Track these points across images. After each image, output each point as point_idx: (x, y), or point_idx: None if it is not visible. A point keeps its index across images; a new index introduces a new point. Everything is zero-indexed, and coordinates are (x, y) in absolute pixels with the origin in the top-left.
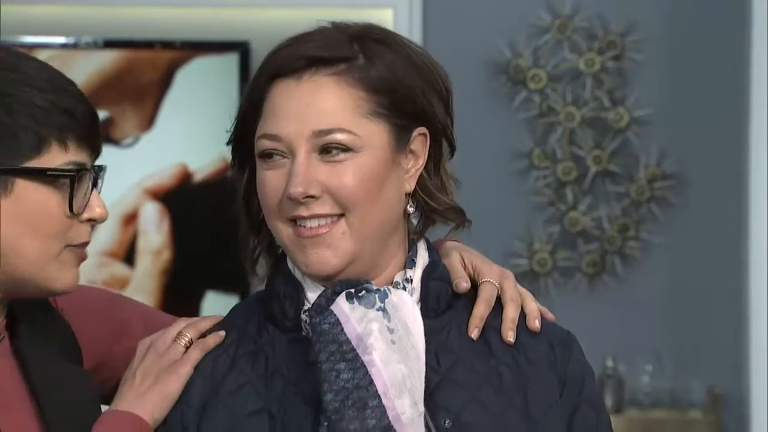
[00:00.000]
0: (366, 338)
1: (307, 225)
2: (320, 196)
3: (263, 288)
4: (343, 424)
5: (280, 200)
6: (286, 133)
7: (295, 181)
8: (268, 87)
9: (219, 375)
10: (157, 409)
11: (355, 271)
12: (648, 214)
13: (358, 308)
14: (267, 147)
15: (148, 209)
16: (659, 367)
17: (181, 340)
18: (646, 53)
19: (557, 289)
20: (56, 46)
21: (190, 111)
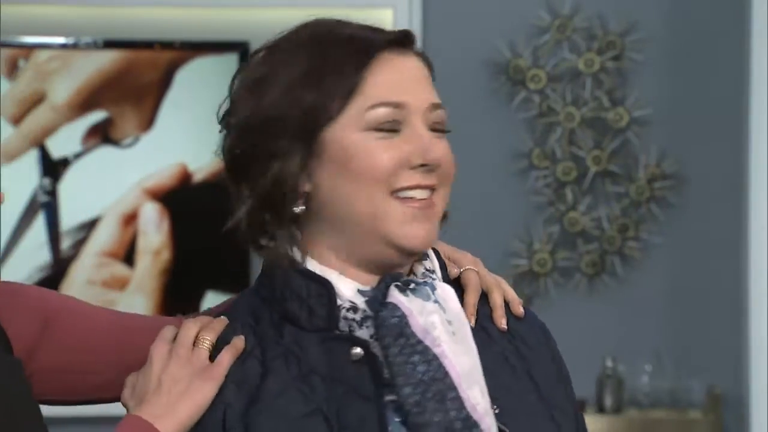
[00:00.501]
0: (431, 331)
1: (416, 197)
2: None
3: (258, 287)
4: (426, 416)
5: (392, 170)
6: (407, 101)
7: (431, 147)
8: (368, 62)
9: (253, 379)
10: (190, 418)
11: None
12: (648, 215)
13: (416, 300)
14: (386, 115)
15: (147, 209)
16: (659, 367)
17: (203, 344)
18: (646, 53)
19: (557, 289)
20: (56, 46)
21: (189, 111)
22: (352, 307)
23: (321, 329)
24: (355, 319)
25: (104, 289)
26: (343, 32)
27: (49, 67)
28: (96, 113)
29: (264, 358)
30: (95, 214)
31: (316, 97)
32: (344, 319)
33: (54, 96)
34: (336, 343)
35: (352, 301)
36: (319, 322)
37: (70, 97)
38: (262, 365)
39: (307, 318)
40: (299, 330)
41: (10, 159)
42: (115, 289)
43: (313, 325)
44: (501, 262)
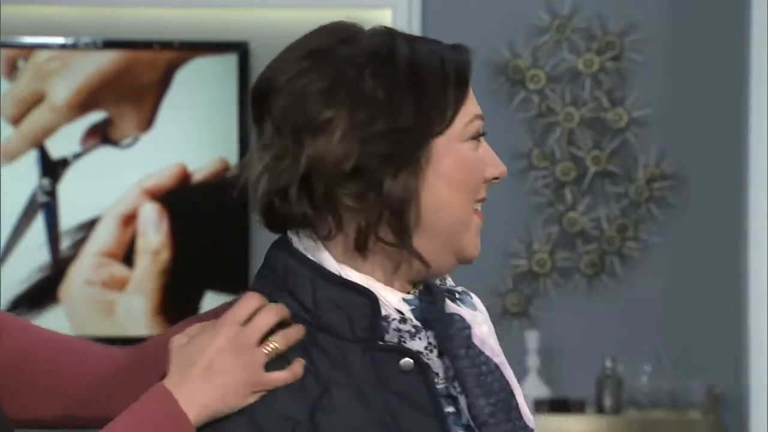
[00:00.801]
0: (486, 341)
1: (479, 209)
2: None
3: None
4: (500, 427)
5: (478, 182)
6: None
7: (499, 161)
8: (469, 77)
9: (311, 391)
10: (215, 414)
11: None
12: (647, 215)
13: (467, 311)
14: (479, 128)
15: (147, 210)
16: (658, 367)
17: (268, 346)
18: (646, 53)
19: (556, 289)
20: (55, 46)
21: (189, 111)
22: (402, 318)
23: (363, 340)
24: (409, 331)
25: (103, 289)
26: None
27: (48, 68)
28: (95, 113)
29: (317, 370)
30: (94, 215)
31: (434, 107)
32: (395, 330)
33: (53, 96)
34: (382, 353)
35: (399, 311)
36: (361, 333)
37: (69, 97)
38: (315, 377)
39: (348, 328)
40: (338, 340)
41: (10, 159)
42: (114, 290)
43: (356, 336)
44: (500, 262)
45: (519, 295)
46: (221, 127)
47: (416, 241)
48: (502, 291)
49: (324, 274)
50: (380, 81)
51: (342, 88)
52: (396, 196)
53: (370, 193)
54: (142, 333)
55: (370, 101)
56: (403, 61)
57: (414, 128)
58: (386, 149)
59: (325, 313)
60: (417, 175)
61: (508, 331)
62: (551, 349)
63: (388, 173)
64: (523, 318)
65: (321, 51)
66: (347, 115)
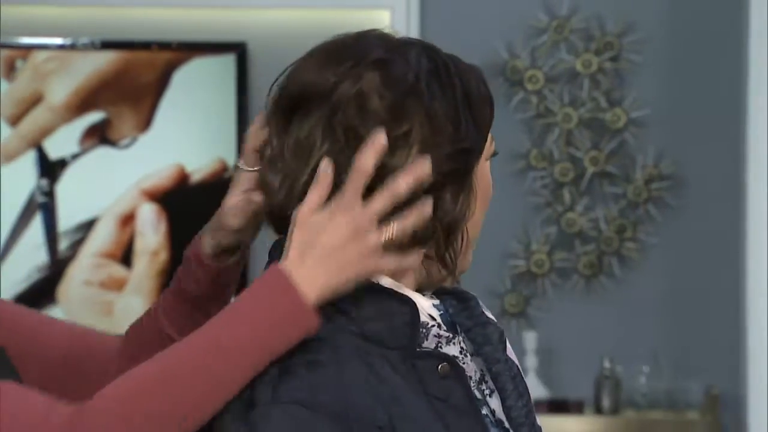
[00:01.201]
0: (507, 344)
1: None
2: None
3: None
4: (532, 429)
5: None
6: None
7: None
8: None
9: (386, 395)
10: (334, 290)
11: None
12: (645, 215)
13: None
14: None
15: (145, 210)
16: (657, 368)
17: (387, 233)
18: (644, 54)
19: (554, 290)
20: (54, 47)
21: (187, 112)
22: (438, 324)
23: (403, 347)
24: (447, 336)
25: (102, 290)
26: (471, 68)
27: (46, 68)
28: (93, 114)
29: (381, 376)
30: (93, 215)
31: (484, 126)
32: (435, 336)
33: (51, 97)
34: (422, 360)
35: (432, 317)
36: (403, 341)
37: (67, 97)
38: (383, 383)
39: (392, 337)
40: (382, 349)
41: (8, 159)
42: (112, 290)
43: (397, 344)
44: (498, 262)
45: (517, 295)
46: (219, 127)
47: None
48: (500, 292)
49: (364, 283)
50: (444, 99)
51: (414, 103)
52: (453, 215)
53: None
54: None
55: (438, 119)
56: (456, 79)
57: (473, 149)
58: (451, 168)
59: (369, 323)
60: (470, 194)
61: (506, 332)
62: (549, 349)
63: (448, 192)
64: (521, 319)
65: (383, 61)
66: (419, 131)
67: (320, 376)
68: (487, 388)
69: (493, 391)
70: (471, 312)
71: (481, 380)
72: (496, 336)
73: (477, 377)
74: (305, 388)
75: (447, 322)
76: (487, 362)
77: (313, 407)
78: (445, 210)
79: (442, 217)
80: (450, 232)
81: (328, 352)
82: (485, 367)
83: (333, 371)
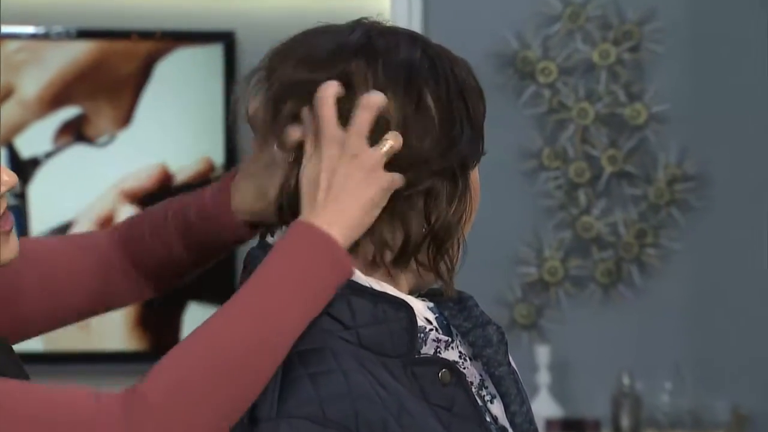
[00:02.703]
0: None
1: None
2: None
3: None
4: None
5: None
6: None
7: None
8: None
9: (394, 405)
10: (358, 225)
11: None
12: (667, 219)
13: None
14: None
15: (125, 213)
16: (680, 384)
17: (385, 147)
18: (666, 44)
19: (569, 300)
20: (25, 36)
21: (170, 107)
22: (435, 327)
23: (403, 354)
24: (446, 341)
25: None
26: (470, 76)
27: (17, 59)
28: (68, 109)
29: (381, 381)
30: (68, 219)
31: (480, 131)
32: (434, 341)
33: (23, 90)
34: (421, 367)
35: (428, 320)
36: (401, 347)
37: (40, 91)
38: (386, 390)
39: (390, 343)
40: (380, 357)
41: None
42: None
43: (396, 351)
44: (508, 270)
45: (528, 306)
46: (205, 123)
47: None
48: (509, 301)
49: (357, 288)
50: (438, 93)
51: (408, 97)
52: (447, 219)
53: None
54: (119, 347)
55: (431, 114)
56: (449, 72)
57: (471, 155)
58: (445, 166)
59: (366, 330)
60: (465, 197)
61: (516, 345)
62: (564, 364)
63: (443, 193)
64: (533, 331)
65: (375, 50)
66: (413, 125)
67: (327, 388)
68: (488, 394)
69: (494, 397)
70: (469, 313)
71: (481, 385)
72: (497, 337)
73: (477, 382)
74: (313, 401)
75: (442, 326)
76: (488, 366)
77: (323, 422)
78: (438, 213)
79: (435, 221)
80: (444, 237)
81: (330, 361)
82: (485, 371)
83: (339, 382)
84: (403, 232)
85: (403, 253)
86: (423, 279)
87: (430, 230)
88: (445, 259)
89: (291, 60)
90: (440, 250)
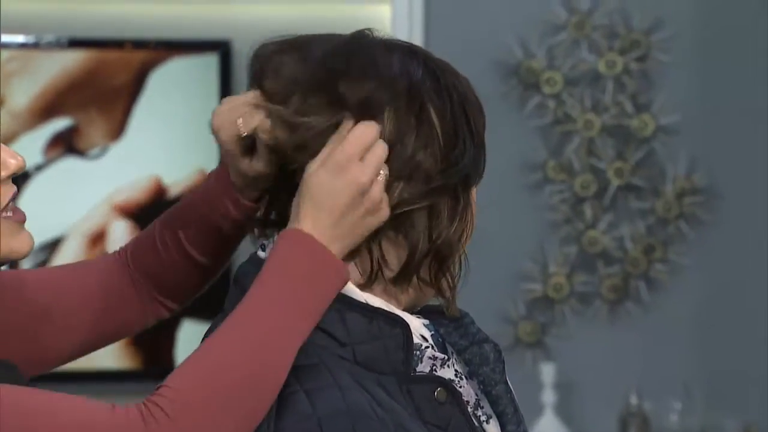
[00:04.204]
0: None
1: None
2: None
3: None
4: None
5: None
6: None
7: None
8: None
9: (392, 424)
10: (350, 245)
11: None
12: (676, 233)
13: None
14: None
15: (117, 227)
16: (689, 403)
17: (381, 176)
18: (674, 53)
19: (575, 316)
20: (15, 45)
21: (164, 118)
22: (431, 345)
23: (397, 372)
24: (442, 358)
25: None
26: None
27: (7, 69)
28: (59, 120)
29: (380, 401)
30: (58, 233)
31: (482, 148)
32: (430, 358)
33: (13, 101)
34: (417, 385)
35: (424, 337)
36: (397, 364)
37: (30, 102)
38: (383, 408)
39: (386, 360)
40: (375, 374)
41: None
42: None
43: (391, 368)
44: (512, 286)
45: (533, 323)
46: (200, 135)
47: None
48: (513, 318)
49: (352, 304)
50: (441, 108)
51: (408, 113)
52: (447, 236)
53: (429, 233)
54: (113, 366)
55: (433, 128)
56: (452, 87)
57: (473, 171)
58: (447, 183)
59: (361, 346)
60: (466, 214)
61: (521, 363)
62: (569, 383)
63: (444, 210)
64: (537, 349)
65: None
66: (412, 144)
67: (324, 405)
68: (483, 414)
69: (490, 417)
70: (465, 330)
71: (476, 405)
72: (494, 355)
73: (473, 402)
74: (311, 417)
75: (438, 343)
76: (485, 384)
77: None
78: (441, 230)
79: (437, 238)
80: (446, 254)
81: (326, 377)
82: (481, 390)
83: (336, 398)
84: (405, 249)
85: (406, 271)
86: (423, 295)
87: (432, 247)
88: (447, 277)
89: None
90: (442, 268)
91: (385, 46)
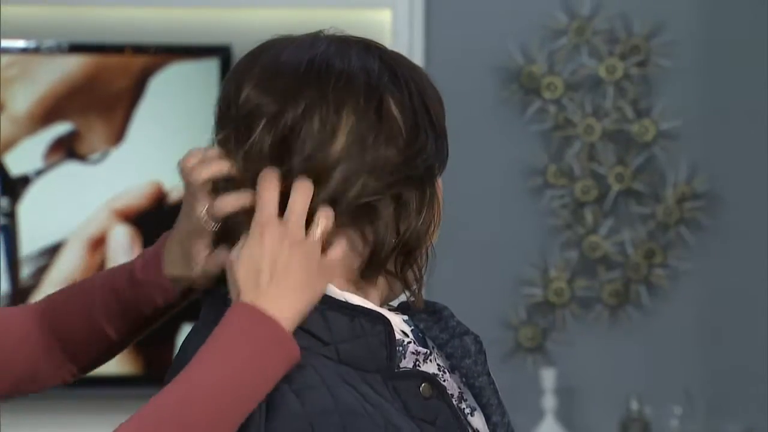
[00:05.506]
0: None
1: None
2: None
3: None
4: None
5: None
6: None
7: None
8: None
9: (383, 422)
10: (301, 311)
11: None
12: (677, 238)
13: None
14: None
15: (117, 233)
16: (690, 408)
17: (318, 228)
18: (675, 58)
19: (575, 322)
20: (15, 50)
21: (165, 123)
22: (413, 340)
23: (381, 368)
24: (425, 353)
25: None
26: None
27: (7, 74)
28: (60, 125)
29: (365, 397)
30: (59, 239)
31: (444, 135)
32: (413, 353)
33: (13, 106)
34: (402, 381)
35: (405, 333)
36: (381, 362)
37: (30, 107)
38: (369, 402)
39: (370, 358)
40: (360, 372)
41: None
42: None
43: (376, 365)
44: (512, 291)
45: (533, 328)
46: (200, 140)
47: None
48: (514, 323)
49: (332, 303)
50: (401, 100)
51: (368, 104)
52: (415, 228)
53: (396, 225)
54: (113, 372)
55: (393, 120)
56: (410, 79)
57: (437, 161)
58: (411, 174)
59: (344, 345)
60: (433, 206)
61: (521, 369)
62: (570, 388)
63: (411, 201)
64: (538, 354)
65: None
66: (373, 133)
67: (313, 404)
68: (467, 406)
69: (474, 409)
70: (445, 324)
71: (460, 398)
72: (475, 347)
73: (456, 395)
74: (301, 417)
75: (418, 338)
76: (467, 377)
77: None
78: (408, 222)
79: (404, 230)
80: (413, 246)
81: (313, 377)
82: (464, 383)
83: (325, 397)
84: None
85: (373, 263)
86: (391, 291)
87: (399, 239)
88: (413, 269)
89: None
90: (408, 260)
91: (340, 42)
